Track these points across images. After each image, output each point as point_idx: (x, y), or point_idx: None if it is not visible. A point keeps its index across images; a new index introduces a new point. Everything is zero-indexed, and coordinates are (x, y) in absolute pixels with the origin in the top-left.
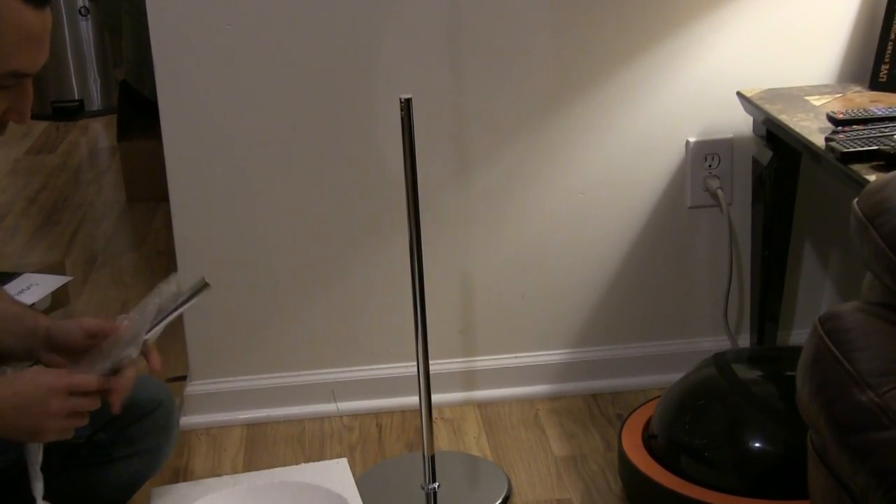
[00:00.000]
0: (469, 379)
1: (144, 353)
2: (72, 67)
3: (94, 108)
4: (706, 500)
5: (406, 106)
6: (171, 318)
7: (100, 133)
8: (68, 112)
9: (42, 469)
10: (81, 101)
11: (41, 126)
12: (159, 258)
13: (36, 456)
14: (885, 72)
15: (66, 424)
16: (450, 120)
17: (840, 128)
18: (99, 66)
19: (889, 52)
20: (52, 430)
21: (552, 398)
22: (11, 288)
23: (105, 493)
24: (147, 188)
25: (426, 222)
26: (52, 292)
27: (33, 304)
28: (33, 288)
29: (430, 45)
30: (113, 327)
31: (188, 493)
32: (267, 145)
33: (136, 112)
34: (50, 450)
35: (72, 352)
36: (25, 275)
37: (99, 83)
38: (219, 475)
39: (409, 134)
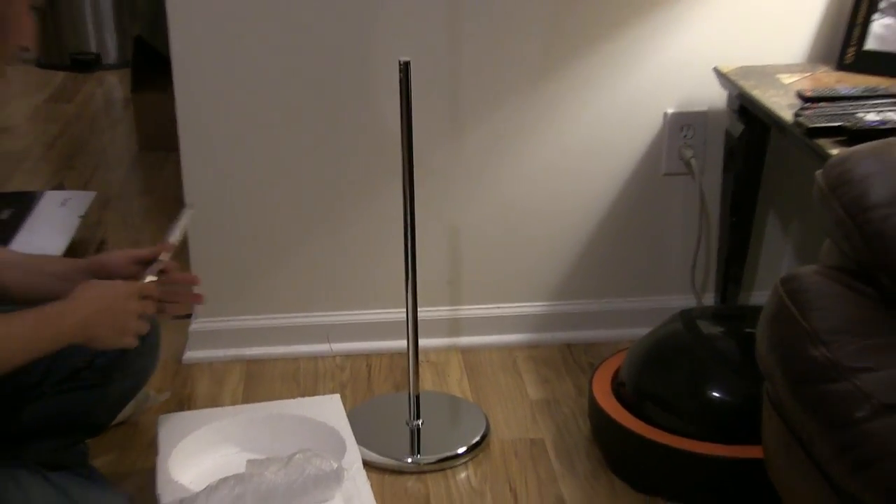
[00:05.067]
0: (454, 326)
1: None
2: (89, 22)
3: (110, 62)
4: (668, 443)
5: (405, 69)
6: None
7: (114, 85)
8: (85, 64)
9: (45, 390)
10: (98, 55)
11: (60, 76)
12: (167, 204)
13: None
14: (852, 53)
15: (141, 326)
16: (444, 81)
17: (808, 104)
18: (115, 20)
19: (856, 35)
20: (133, 330)
21: (530, 346)
22: (49, 202)
23: (100, 411)
24: (158, 138)
25: (419, 177)
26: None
27: (84, 214)
28: (69, 202)
29: (427, 10)
30: (155, 251)
31: (192, 421)
32: (271, 101)
33: (150, 66)
34: (53, 372)
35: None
36: (48, 192)
37: (115, 37)
38: (220, 406)
39: (407, 95)
